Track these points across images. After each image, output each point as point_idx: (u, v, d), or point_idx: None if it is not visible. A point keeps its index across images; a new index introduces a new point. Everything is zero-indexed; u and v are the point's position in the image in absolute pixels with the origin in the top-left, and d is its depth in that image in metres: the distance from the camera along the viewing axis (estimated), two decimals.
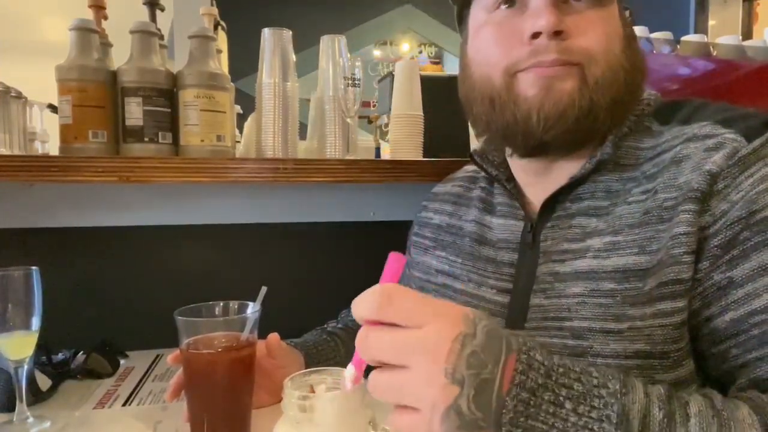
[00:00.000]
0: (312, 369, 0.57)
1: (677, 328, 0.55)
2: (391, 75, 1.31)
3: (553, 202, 0.65)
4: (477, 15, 0.66)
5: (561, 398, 0.42)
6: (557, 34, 0.58)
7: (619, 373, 0.45)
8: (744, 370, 0.53)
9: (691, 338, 0.56)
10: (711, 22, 2.83)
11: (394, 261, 0.47)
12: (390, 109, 1.18)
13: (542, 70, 0.59)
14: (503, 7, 0.62)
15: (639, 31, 1.61)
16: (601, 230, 0.60)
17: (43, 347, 0.90)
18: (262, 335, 0.72)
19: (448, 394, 0.40)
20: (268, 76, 1.00)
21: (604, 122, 0.61)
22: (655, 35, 1.62)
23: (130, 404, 0.84)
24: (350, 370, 0.49)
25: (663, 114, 0.64)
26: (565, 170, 0.64)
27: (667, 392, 0.45)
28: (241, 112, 1.41)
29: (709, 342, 0.55)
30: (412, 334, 0.42)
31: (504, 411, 0.41)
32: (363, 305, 0.43)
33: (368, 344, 0.43)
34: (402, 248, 0.95)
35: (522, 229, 0.69)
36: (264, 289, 0.71)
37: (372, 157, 1.26)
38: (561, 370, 0.43)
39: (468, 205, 0.78)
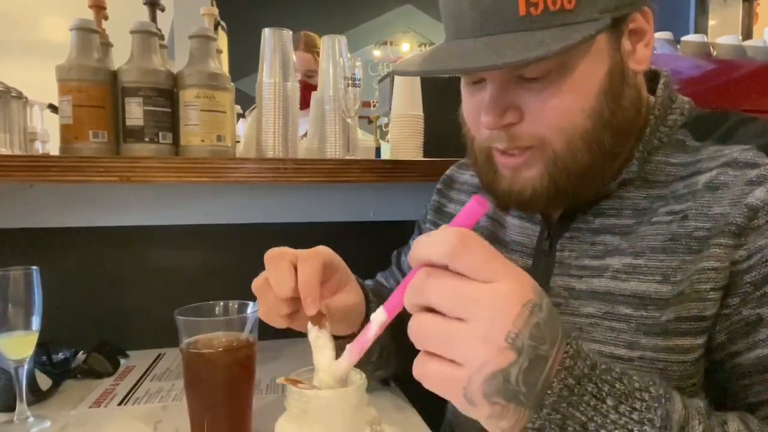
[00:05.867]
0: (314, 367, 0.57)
1: (694, 363, 0.54)
2: (391, 75, 1.31)
3: (573, 211, 0.63)
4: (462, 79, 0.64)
5: (603, 393, 0.41)
6: (503, 126, 0.56)
7: (659, 379, 0.44)
8: (763, 407, 0.52)
9: (713, 370, 0.55)
10: (711, 22, 2.83)
11: (475, 204, 0.42)
12: (390, 110, 1.19)
13: (505, 160, 0.59)
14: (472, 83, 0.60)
15: None
16: (622, 249, 0.58)
17: (44, 347, 0.89)
18: (262, 335, 0.72)
19: (503, 358, 0.38)
20: (268, 76, 1.00)
21: (584, 186, 0.58)
22: (655, 35, 1.62)
23: (126, 404, 0.83)
24: (381, 315, 0.45)
25: (699, 127, 0.60)
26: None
27: (706, 407, 0.44)
28: (241, 112, 1.41)
29: (732, 376, 0.54)
30: (480, 287, 0.38)
31: (549, 392, 0.39)
32: (433, 246, 0.39)
33: (427, 287, 0.39)
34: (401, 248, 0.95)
35: (538, 235, 0.66)
36: None
37: (372, 157, 1.26)
38: (603, 366, 0.42)
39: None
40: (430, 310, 0.40)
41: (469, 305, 0.38)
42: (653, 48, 0.59)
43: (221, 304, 0.72)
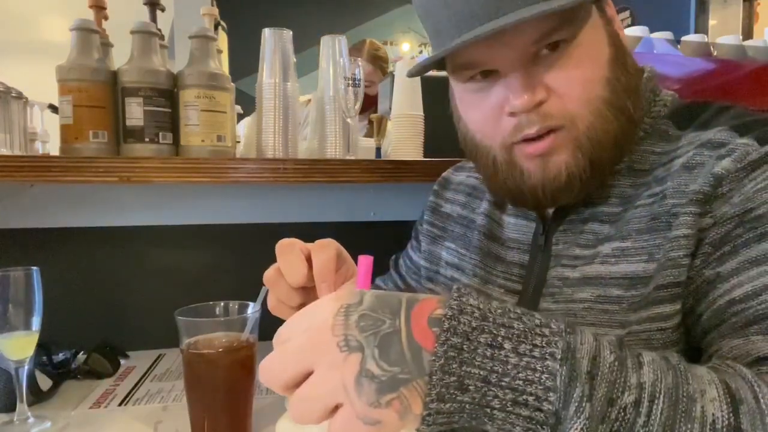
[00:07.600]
0: None
1: (675, 330, 0.55)
2: (391, 75, 1.31)
3: (566, 205, 0.64)
4: (453, 82, 0.63)
5: (499, 339, 0.39)
6: (534, 106, 0.56)
7: (565, 317, 0.42)
8: (715, 354, 0.52)
9: (687, 334, 0.56)
10: (711, 22, 2.83)
11: (362, 261, 0.48)
12: (390, 110, 1.19)
13: (533, 147, 0.58)
14: (479, 76, 0.59)
15: (639, 31, 1.61)
16: (610, 236, 0.60)
17: (44, 347, 0.90)
18: (263, 335, 0.72)
19: (352, 363, 0.37)
20: (268, 76, 1.00)
21: (616, 154, 0.59)
22: (655, 35, 1.62)
23: (126, 404, 0.84)
24: None
25: (681, 117, 0.62)
26: None
27: (618, 340, 0.44)
28: (242, 112, 1.41)
29: (699, 336, 0.55)
30: (295, 339, 0.40)
31: (434, 358, 0.38)
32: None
33: (271, 368, 0.40)
34: (402, 248, 0.95)
35: (534, 231, 0.68)
36: (264, 289, 0.70)
37: (372, 157, 1.26)
38: (499, 311, 0.40)
39: (481, 198, 0.77)
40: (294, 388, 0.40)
41: (303, 353, 0.39)
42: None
43: (221, 304, 0.72)
